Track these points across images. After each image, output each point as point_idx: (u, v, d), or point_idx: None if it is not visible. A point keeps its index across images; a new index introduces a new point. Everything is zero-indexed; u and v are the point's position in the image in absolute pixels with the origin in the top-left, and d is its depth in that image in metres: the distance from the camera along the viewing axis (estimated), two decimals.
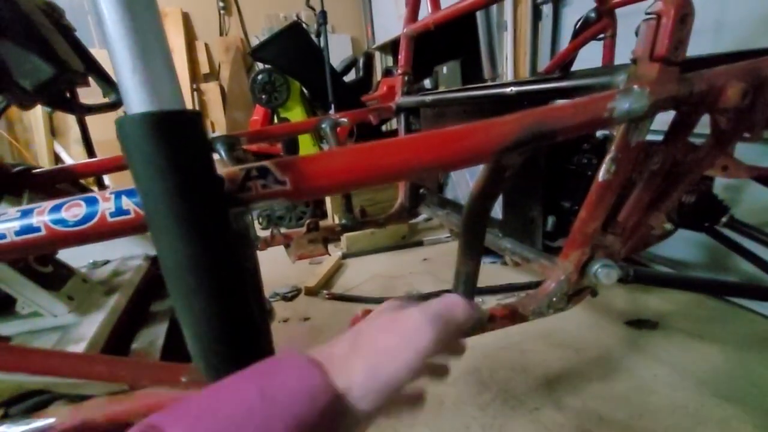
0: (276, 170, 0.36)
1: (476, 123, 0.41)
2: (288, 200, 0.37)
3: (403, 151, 0.39)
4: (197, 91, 4.07)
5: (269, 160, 0.37)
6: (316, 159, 0.37)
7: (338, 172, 0.37)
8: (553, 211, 0.82)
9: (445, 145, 0.40)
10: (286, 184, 0.36)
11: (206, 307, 0.32)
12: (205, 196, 0.31)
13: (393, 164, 0.38)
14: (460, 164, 0.41)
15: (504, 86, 0.76)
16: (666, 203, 0.68)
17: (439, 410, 0.99)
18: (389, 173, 0.38)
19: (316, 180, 0.37)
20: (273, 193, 0.36)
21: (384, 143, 0.39)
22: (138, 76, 0.29)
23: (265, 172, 0.36)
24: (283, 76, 2.20)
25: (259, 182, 0.36)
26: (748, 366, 1.04)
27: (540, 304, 0.66)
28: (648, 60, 0.51)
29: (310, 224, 1.13)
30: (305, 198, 0.37)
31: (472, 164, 0.42)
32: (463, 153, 0.40)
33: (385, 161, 0.38)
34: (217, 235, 0.32)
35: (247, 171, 0.35)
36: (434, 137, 0.40)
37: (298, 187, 0.36)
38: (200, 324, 0.32)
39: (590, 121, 0.46)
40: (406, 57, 1.18)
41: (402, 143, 0.39)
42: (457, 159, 0.40)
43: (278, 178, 0.36)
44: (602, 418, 0.92)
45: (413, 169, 0.38)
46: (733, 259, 1.32)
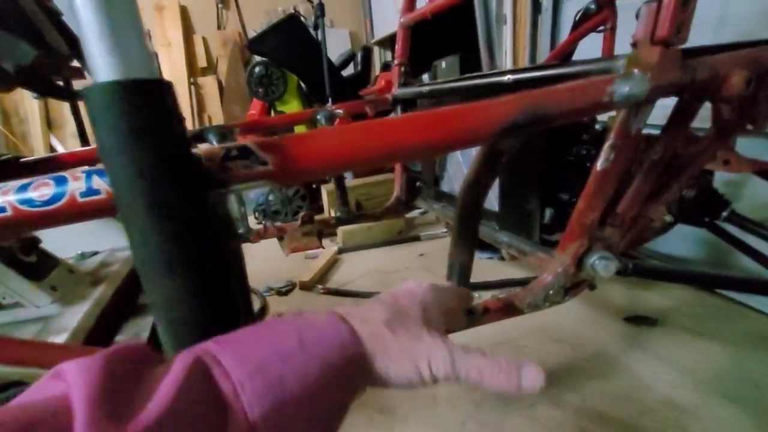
0: (258, 150, 0.34)
1: (473, 103, 0.39)
2: (271, 183, 0.35)
3: (395, 130, 0.37)
4: (195, 85, 4.04)
5: (252, 140, 0.35)
6: (301, 139, 0.35)
7: (325, 152, 0.35)
8: (551, 204, 0.80)
9: (440, 125, 0.38)
10: (268, 164, 0.34)
11: (182, 297, 0.30)
12: (178, 174, 0.29)
13: (384, 144, 0.36)
14: (455, 145, 0.39)
15: (501, 74, 0.74)
16: (666, 195, 0.67)
17: (433, 406, 0.98)
18: (380, 154, 0.36)
19: (301, 161, 0.35)
20: (254, 175, 0.34)
21: (375, 122, 0.37)
22: (105, 41, 0.27)
23: (247, 151, 0.34)
24: (280, 69, 2.17)
25: (239, 163, 0.34)
26: (749, 365, 1.02)
27: (536, 297, 0.64)
28: (649, 43, 0.49)
29: (304, 217, 1.11)
30: (290, 181, 0.35)
31: (467, 146, 0.40)
32: (458, 134, 0.38)
33: (376, 141, 0.36)
34: (193, 218, 0.30)
35: (227, 150, 0.34)
36: (428, 117, 0.38)
37: (281, 168, 0.34)
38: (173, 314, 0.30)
39: (589, 106, 0.44)
40: (402, 47, 1.15)
41: (394, 123, 0.37)
42: (452, 140, 0.38)
43: (260, 158, 0.34)
44: (601, 416, 0.91)
45: (405, 149, 0.37)
46: (733, 255, 1.31)
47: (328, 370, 0.21)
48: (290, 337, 0.22)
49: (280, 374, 0.20)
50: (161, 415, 0.16)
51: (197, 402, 0.18)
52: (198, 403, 0.18)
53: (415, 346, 0.26)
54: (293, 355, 0.21)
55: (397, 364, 0.25)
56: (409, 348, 0.26)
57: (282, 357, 0.21)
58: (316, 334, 0.23)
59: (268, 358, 0.20)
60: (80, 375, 0.16)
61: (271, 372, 0.20)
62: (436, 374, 0.26)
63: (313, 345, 0.22)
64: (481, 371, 0.26)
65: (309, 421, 0.21)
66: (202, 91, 4.10)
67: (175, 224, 0.28)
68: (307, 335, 0.22)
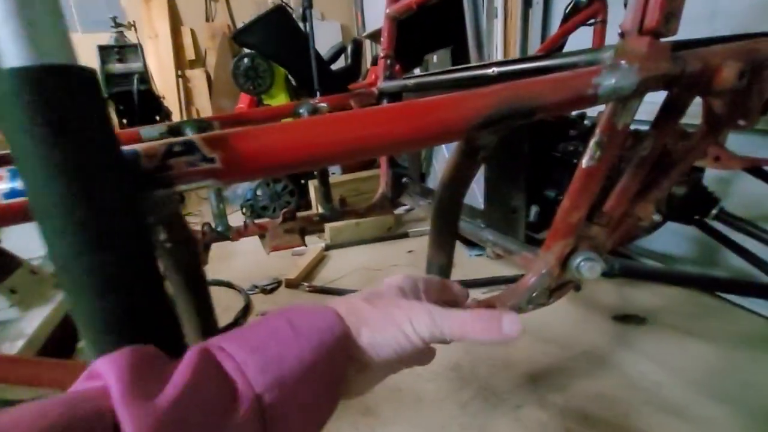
0: (204, 146, 0.30)
1: (446, 95, 0.36)
2: (219, 181, 0.32)
3: (359, 124, 0.33)
4: (182, 78, 3.97)
5: (197, 134, 0.31)
6: (253, 133, 0.32)
7: (280, 148, 0.32)
8: (538, 201, 0.78)
9: (410, 118, 0.35)
10: (215, 162, 0.31)
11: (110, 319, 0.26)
12: (103, 175, 0.25)
13: (347, 139, 0.33)
14: (427, 141, 0.36)
15: (486, 67, 0.71)
16: (655, 193, 0.64)
17: (417, 408, 0.95)
18: (343, 150, 0.33)
19: (252, 157, 0.32)
20: (200, 173, 0.31)
21: (337, 116, 0.34)
22: (13, 20, 0.23)
23: (191, 147, 0.31)
24: (267, 61, 2.12)
25: (183, 160, 0.30)
26: (738, 365, 1.01)
27: (520, 300, 0.61)
28: (636, 33, 0.46)
29: (286, 214, 1.08)
30: (240, 179, 0.32)
31: (440, 141, 0.37)
32: (429, 128, 0.35)
33: (337, 136, 0.33)
34: (124, 225, 0.26)
35: (169, 146, 0.30)
36: (397, 110, 0.35)
37: (230, 165, 0.31)
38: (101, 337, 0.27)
39: (573, 99, 0.41)
40: (388, 39, 1.12)
41: (358, 116, 0.34)
42: (423, 135, 0.35)
43: (206, 155, 0.31)
44: (587, 417, 0.89)
45: (371, 145, 0.33)
46: (721, 253, 1.30)
47: (319, 350, 0.23)
48: (282, 324, 0.24)
49: (277, 354, 0.22)
50: (181, 392, 0.19)
51: (209, 380, 0.20)
52: (210, 380, 0.21)
53: (394, 312, 0.27)
54: (287, 339, 0.23)
55: (382, 332, 0.26)
56: (389, 314, 0.27)
57: (277, 341, 0.23)
58: (305, 320, 0.25)
59: (265, 341, 0.23)
60: (111, 366, 0.19)
61: (268, 352, 0.22)
62: (420, 334, 0.27)
63: (303, 329, 0.24)
64: (463, 324, 0.27)
65: (307, 395, 0.23)
66: (190, 84, 4.02)
67: (101, 233, 0.25)
68: (297, 322, 0.24)
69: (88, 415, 0.17)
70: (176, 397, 0.19)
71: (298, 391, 0.22)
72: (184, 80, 3.98)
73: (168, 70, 3.89)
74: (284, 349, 0.23)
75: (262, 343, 0.23)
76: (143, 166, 0.30)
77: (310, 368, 0.23)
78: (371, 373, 0.28)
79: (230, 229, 1.05)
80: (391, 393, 1.00)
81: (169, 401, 0.18)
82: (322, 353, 0.23)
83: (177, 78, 3.89)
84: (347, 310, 0.27)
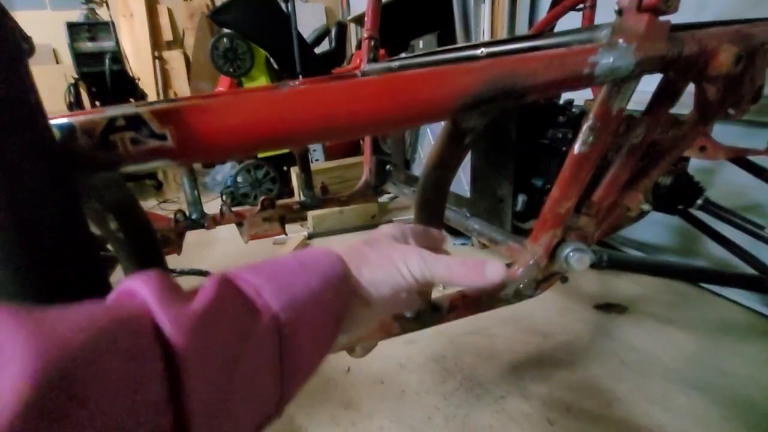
0: (153, 120, 0.26)
1: (430, 69, 0.32)
2: (171, 161, 0.28)
3: (334, 99, 0.30)
4: (159, 59, 3.80)
5: (145, 106, 0.27)
6: (213, 106, 0.28)
7: (244, 124, 0.28)
8: (525, 190, 0.76)
9: (390, 94, 0.31)
10: (166, 139, 0.27)
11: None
12: (22, 153, 0.21)
13: (319, 116, 0.29)
14: (409, 120, 0.33)
15: (475, 47, 0.67)
16: (645, 182, 0.63)
17: (400, 400, 0.94)
18: (315, 128, 0.29)
19: (211, 135, 0.28)
20: (149, 152, 0.27)
21: (309, 89, 0.30)
22: None
23: (138, 122, 0.26)
24: (247, 42, 2.03)
25: (127, 136, 0.26)
26: (716, 353, 1.03)
27: (506, 291, 0.59)
28: (635, 10, 0.43)
29: (264, 201, 1.03)
30: (197, 159, 0.28)
31: (424, 121, 0.34)
32: (412, 106, 0.31)
33: (309, 112, 0.29)
34: (52, 211, 0.22)
35: (110, 120, 0.26)
36: (376, 84, 0.31)
37: (184, 143, 0.27)
38: None
39: (567, 78, 0.38)
40: (372, 20, 1.07)
41: (333, 89, 0.30)
42: (405, 113, 0.32)
43: (155, 130, 0.26)
44: (569, 408, 0.89)
45: (347, 122, 0.30)
46: (702, 242, 1.31)
47: (324, 283, 0.25)
48: (291, 261, 0.26)
49: (289, 282, 0.24)
50: (210, 302, 0.20)
51: (232, 297, 0.22)
52: (232, 297, 0.22)
53: (391, 253, 0.30)
54: (296, 271, 0.25)
55: (380, 268, 0.29)
56: (386, 255, 0.30)
57: (287, 273, 0.25)
58: (311, 258, 0.27)
59: (277, 272, 0.25)
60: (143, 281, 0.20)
61: (281, 280, 0.24)
62: (414, 274, 0.29)
63: (309, 266, 0.26)
64: (450, 268, 0.30)
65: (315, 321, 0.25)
66: (168, 66, 3.86)
67: (22, 226, 0.21)
68: (304, 260, 0.27)
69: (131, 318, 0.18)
70: (207, 305, 0.20)
71: (308, 315, 0.24)
72: (161, 62, 3.82)
73: (144, 50, 3.72)
74: (294, 279, 0.25)
75: (274, 273, 0.25)
76: (80, 143, 0.25)
77: (318, 297, 0.25)
78: (371, 309, 0.29)
79: (205, 216, 1.00)
80: (374, 385, 0.98)
81: (200, 307, 0.20)
82: (327, 286, 0.26)
83: (153, 59, 3.73)
84: (349, 252, 0.29)
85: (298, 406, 0.93)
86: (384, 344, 0.56)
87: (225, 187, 2.25)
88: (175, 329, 0.18)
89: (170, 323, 0.18)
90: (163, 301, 0.19)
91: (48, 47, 3.66)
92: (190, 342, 0.18)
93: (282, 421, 0.90)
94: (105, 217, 0.32)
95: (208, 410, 0.19)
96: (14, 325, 0.14)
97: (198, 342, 0.19)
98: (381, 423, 0.88)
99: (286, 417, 0.91)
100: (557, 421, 0.86)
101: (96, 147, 0.26)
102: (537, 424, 0.86)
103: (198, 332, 0.19)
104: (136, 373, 0.16)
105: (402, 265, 0.29)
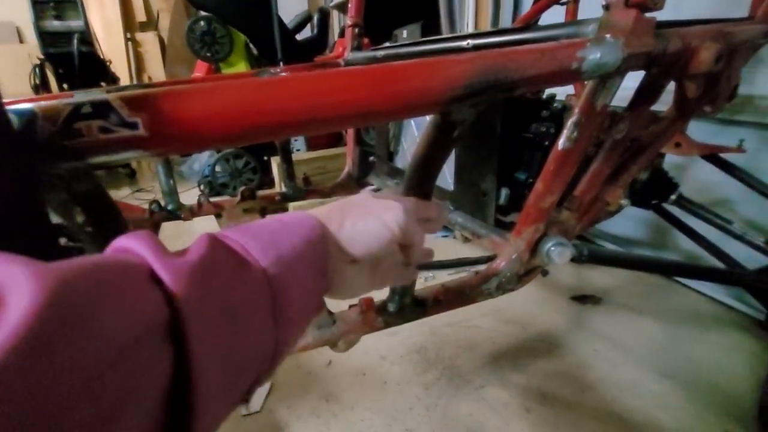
0: (123, 107, 0.24)
1: (419, 60, 0.31)
2: (144, 152, 0.26)
3: (317, 89, 0.28)
4: (132, 41, 3.64)
5: (114, 93, 0.25)
6: (187, 93, 0.26)
7: (222, 113, 0.27)
8: (508, 184, 0.76)
9: (377, 85, 0.30)
10: (137, 128, 0.25)
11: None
12: None
13: (302, 106, 0.28)
14: (396, 112, 0.32)
15: (461, 39, 0.66)
16: (625, 177, 0.64)
17: (382, 391, 0.94)
18: (297, 118, 0.28)
19: (187, 124, 0.26)
20: (118, 142, 0.25)
21: (294, 77, 0.29)
22: None
23: (106, 109, 0.24)
24: (225, 26, 1.96)
25: (95, 124, 0.24)
26: (683, 341, 1.07)
27: (489, 285, 0.60)
28: (623, 6, 0.43)
29: (244, 192, 1.00)
30: (171, 151, 0.26)
31: (412, 113, 0.33)
32: (400, 97, 0.30)
33: (290, 102, 0.28)
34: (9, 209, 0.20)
35: (76, 107, 0.24)
36: (363, 74, 0.30)
37: (157, 133, 0.25)
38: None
39: (555, 72, 0.38)
40: (356, 7, 1.04)
41: (317, 78, 0.29)
42: (393, 105, 0.31)
43: (126, 119, 0.25)
44: (545, 396, 0.91)
45: (330, 113, 0.29)
46: (671, 236, 1.36)
47: (306, 241, 0.26)
48: (273, 222, 0.27)
49: (272, 240, 0.25)
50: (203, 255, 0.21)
51: (223, 252, 0.22)
52: (224, 252, 0.22)
53: (370, 205, 0.31)
54: (279, 231, 0.26)
55: (360, 220, 0.29)
56: (366, 207, 0.30)
57: (271, 233, 0.25)
58: (292, 219, 0.27)
59: (261, 232, 0.25)
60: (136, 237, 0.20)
61: (265, 238, 0.25)
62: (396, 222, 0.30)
63: (291, 225, 0.26)
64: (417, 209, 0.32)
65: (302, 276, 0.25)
66: (141, 49, 3.69)
67: None
68: (285, 220, 0.27)
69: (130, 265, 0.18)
70: (202, 257, 0.21)
71: (294, 268, 0.25)
72: (135, 44, 3.65)
73: (115, 32, 3.55)
74: (278, 239, 0.25)
75: (258, 232, 0.25)
76: (41, 131, 0.23)
77: (302, 254, 0.25)
78: (359, 266, 0.30)
79: (182, 207, 0.96)
80: (355, 378, 0.98)
81: (196, 258, 0.20)
82: (309, 244, 0.26)
83: (126, 41, 3.56)
84: (330, 212, 0.30)
85: (279, 399, 0.92)
86: (366, 336, 0.56)
87: (203, 177, 2.19)
88: (174, 277, 0.18)
89: (168, 271, 0.18)
90: (159, 253, 0.19)
91: (11, 25, 3.45)
92: (189, 289, 0.18)
93: (263, 414, 0.89)
94: (71, 209, 0.30)
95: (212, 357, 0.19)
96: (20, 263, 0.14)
97: (197, 289, 0.19)
98: (362, 414, 0.88)
99: (266, 410, 0.90)
100: (534, 409, 0.89)
101: (59, 135, 0.24)
102: (515, 412, 0.88)
103: (196, 280, 0.19)
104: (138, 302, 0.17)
105: (382, 214, 0.29)
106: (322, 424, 0.86)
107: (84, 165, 0.25)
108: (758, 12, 0.69)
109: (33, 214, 0.22)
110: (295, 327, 0.25)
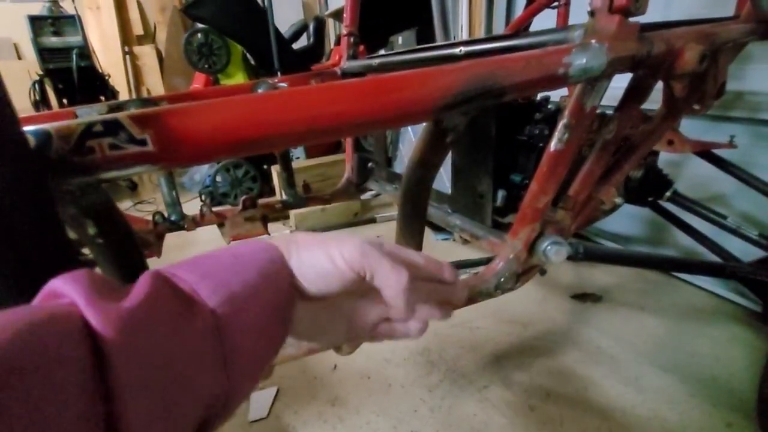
0: (132, 125, 0.26)
1: (411, 72, 0.33)
2: (152, 167, 0.27)
3: (315, 102, 0.30)
4: (130, 54, 3.68)
5: (123, 112, 0.27)
6: (192, 110, 0.27)
7: (224, 128, 0.28)
8: (504, 186, 0.77)
9: (371, 96, 0.31)
10: (146, 144, 0.26)
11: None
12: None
13: (301, 118, 0.29)
14: (391, 121, 0.33)
15: (453, 46, 0.68)
16: (617, 176, 0.65)
17: (386, 393, 0.95)
18: (296, 130, 0.30)
19: (192, 139, 0.27)
20: (128, 157, 0.26)
21: (293, 91, 0.30)
22: None
23: (116, 127, 0.26)
24: (222, 37, 1.99)
25: (105, 141, 0.26)
26: (684, 337, 1.08)
27: (488, 285, 0.61)
28: (607, 12, 0.45)
29: (246, 201, 1.02)
30: (178, 164, 0.28)
31: (406, 122, 0.34)
32: (393, 107, 0.32)
33: (290, 114, 0.29)
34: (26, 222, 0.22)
35: (88, 126, 0.25)
36: (358, 87, 0.31)
37: (165, 148, 0.27)
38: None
39: (543, 78, 0.40)
40: (351, 16, 1.06)
41: (314, 92, 0.30)
42: (387, 115, 0.32)
43: (135, 136, 0.26)
44: (549, 394, 0.92)
45: (328, 125, 0.30)
46: (670, 232, 1.37)
47: (261, 276, 0.25)
48: (226, 255, 0.25)
49: (225, 279, 0.24)
50: (143, 299, 0.20)
51: (167, 295, 0.21)
52: (167, 294, 0.21)
53: (328, 240, 0.28)
54: (232, 266, 0.25)
55: (308, 251, 0.27)
56: (321, 239, 0.28)
57: (223, 269, 0.24)
58: (246, 250, 0.26)
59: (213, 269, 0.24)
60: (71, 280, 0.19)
61: (216, 277, 0.23)
62: (348, 260, 0.26)
63: (247, 259, 0.25)
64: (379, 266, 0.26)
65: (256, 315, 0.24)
66: (139, 62, 3.73)
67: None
68: (238, 253, 0.26)
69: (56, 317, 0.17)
70: (140, 302, 0.19)
71: (248, 309, 0.23)
72: (132, 57, 3.69)
73: (113, 45, 3.59)
74: (230, 276, 0.24)
75: (210, 269, 0.24)
76: (56, 149, 0.25)
77: (256, 290, 0.24)
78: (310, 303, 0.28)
79: (185, 218, 0.98)
80: (360, 380, 0.99)
81: (133, 304, 0.19)
82: (264, 278, 0.25)
83: (124, 55, 3.60)
84: (286, 240, 0.28)
85: (286, 404, 0.93)
86: None
87: (204, 187, 2.21)
88: (105, 325, 0.17)
89: (99, 319, 0.17)
90: (92, 297, 0.18)
91: (8, 41, 3.49)
92: (120, 337, 0.17)
93: (270, 420, 0.90)
94: (83, 223, 0.32)
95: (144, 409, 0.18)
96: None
97: (130, 338, 0.18)
98: (368, 417, 0.89)
99: (273, 415, 0.91)
100: (538, 406, 0.89)
101: (73, 152, 0.25)
102: (519, 410, 0.89)
103: (129, 328, 0.18)
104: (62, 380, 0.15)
105: (335, 251, 0.26)
106: (329, 429, 0.87)
107: (95, 180, 0.27)
108: (743, 11, 0.70)
109: (51, 228, 0.23)
110: (250, 370, 0.24)
